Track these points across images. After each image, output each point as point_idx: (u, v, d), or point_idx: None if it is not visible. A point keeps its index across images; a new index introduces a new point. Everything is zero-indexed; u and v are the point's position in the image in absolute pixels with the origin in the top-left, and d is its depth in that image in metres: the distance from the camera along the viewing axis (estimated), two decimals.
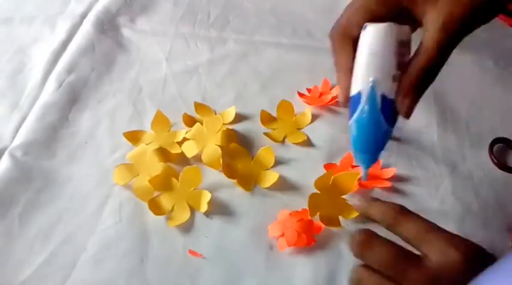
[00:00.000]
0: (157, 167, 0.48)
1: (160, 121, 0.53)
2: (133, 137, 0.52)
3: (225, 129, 0.52)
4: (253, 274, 0.43)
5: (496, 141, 0.53)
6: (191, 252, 0.44)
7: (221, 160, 0.49)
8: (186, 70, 0.59)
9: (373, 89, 0.36)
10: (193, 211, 0.47)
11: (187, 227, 0.46)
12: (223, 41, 0.63)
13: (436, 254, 0.33)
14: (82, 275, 0.42)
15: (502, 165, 0.51)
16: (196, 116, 0.54)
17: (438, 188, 0.49)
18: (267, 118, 0.54)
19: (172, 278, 0.42)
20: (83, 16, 0.64)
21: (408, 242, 0.35)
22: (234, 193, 0.48)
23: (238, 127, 0.53)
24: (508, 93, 0.58)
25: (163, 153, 0.50)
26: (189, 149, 0.51)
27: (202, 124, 0.52)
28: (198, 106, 0.55)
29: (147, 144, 0.51)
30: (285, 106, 0.54)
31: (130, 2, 0.66)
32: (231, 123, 0.54)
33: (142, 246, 0.44)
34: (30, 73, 0.58)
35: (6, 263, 0.43)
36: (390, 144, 0.51)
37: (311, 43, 0.63)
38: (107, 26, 0.63)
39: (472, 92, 0.58)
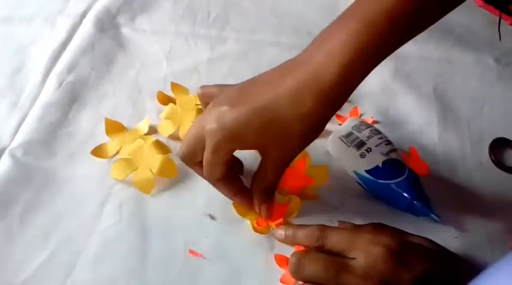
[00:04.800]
0: (156, 159, 0.49)
1: (113, 127, 0.52)
2: (100, 154, 0.50)
3: (198, 108, 0.54)
4: (254, 274, 0.43)
5: (496, 141, 0.52)
6: (191, 252, 0.44)
7: None
8: (186, 69, 0.59)
9: None
10: (193, 210, 0.47)
11: (188, 227, 0.46)
12: (224, 40, 0.63)
13: (362, 255, 0.38)
14: (82, 275, 0.42)
15: (501, 165, 0.51)
16: (172, 95, 0.56)
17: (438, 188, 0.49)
18: None
19: (172, 278, 0.42)
20: (83, 15, 0.64)
21: (338, 254, 0.39)
22: None
23: None
24: (509, 92, 0.58)
25: (161, 145, 0.50)
26: (165, 129, 0.52)
27: (175, 103, 0.54)
28: (174, 86, 0.56)
29: (112, 156, 0.50)
30: None
31: (130, 1, 0.66)
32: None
33: (143, 246, 0.44)
34: (30, 72, 0.57)
35: (6, 263, 0.43)
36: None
37: None
38: (107, 25, 0.63)
39: (473, 91, 0.58)
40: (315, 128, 0.40)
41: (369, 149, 0.47)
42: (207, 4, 0.67)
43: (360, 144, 0.48)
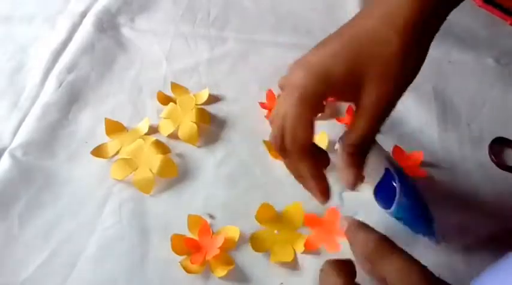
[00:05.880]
0: (156, 159, 0.49)
1: (113, 127, 0.52)
2: (100, 154, 0.50)
3: (198, 108, 0.54)
4: (253, 274, 0.43)
5: (496, 140, 0.52)
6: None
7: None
8: (186, 69, 0.59)
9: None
10: (193, 209, 0.47)
11: (187, 227, 0.45)
12: (223, 40, 0.63)
13: None
14: (82, 275, 0.43)
15: (501, 165, 0.51)
16: (172, 95, 0.56)
17: (438, 188, 0.49)
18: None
19: (172, 278, 0.42)
20: (83, 15, 0.64)
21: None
22: (235, 197, 0.48)
23: (211, 108, 0.55)
24: (509, 92, 0.58)
25: (160, 145, 0.50)
26: (165, 128, 0.53)
27: (175, 103, 0.55)
28: (174, 86, 0.56)
29: (112, 156, 0.50)
30: None
31: (130, 1, 0.66)
32: (204, 104, 0.55)
33: (143, 246, 0.44)
34: (30, 72, 0.58)
35: (6, 263, 0.43)
36: (390, 143, 0.51)
37: (311, 42, 0.61)
38: (107, 25, 0.63)
39: (473, 91, 0.58)
40: (414, 46, 0.33)
41: None
42: (207, 4, 0.67)
43: None
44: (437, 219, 0.45)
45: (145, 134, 0.52)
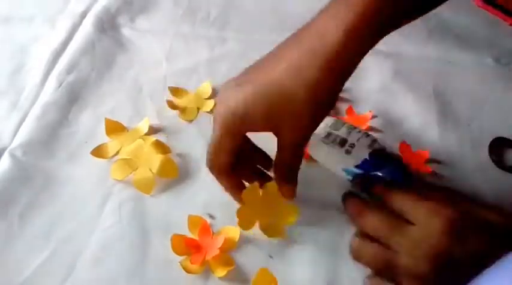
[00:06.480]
0: (156, 159, 0.49)
1: (113, 127, 0.52)
2: (100, 154, 0.50)
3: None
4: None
5: (496, 140, 0.53)
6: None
7: None
8: (186, 69, 0.59)
9: None
10: (193, 209, 0.47)
11: (187, 227, 0.45)
12: (223, 40, 0.63)
13: (420, 224, 0.37)
14: (82, 275, 0.42)
15: (501, 165, 0.51)
16: (175, 100, 0.56)
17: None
18: None
19: (172, 278, 0.42)
20: (83, 15, 0.64)
21: (399, 213, 0.39)
22: None
23: None
24: (509, 91, 0.58)
25: (161, 145, 0.50)
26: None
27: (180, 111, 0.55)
28: (173, 90, 0.56)
29: (112, 156, 0.50)
30: None
31: (130, 1, 0.66)
32: (208, 99, 0.56)
33: (143, 246, 0.44)
34: (30, 72, 0.58)
35: (6, 263, 0.43)
36: (390, 143, 0.51)
37: None
38: (107, 25, 0.63)
39: (473, 91, 0.58)
40: (321, 97, 0.37)
41: (352, 145, 0.47)
42: (207, 4, 0.67)
43: (342, 141, 0.47)
44: None
45: (146, 134, 0.52)
